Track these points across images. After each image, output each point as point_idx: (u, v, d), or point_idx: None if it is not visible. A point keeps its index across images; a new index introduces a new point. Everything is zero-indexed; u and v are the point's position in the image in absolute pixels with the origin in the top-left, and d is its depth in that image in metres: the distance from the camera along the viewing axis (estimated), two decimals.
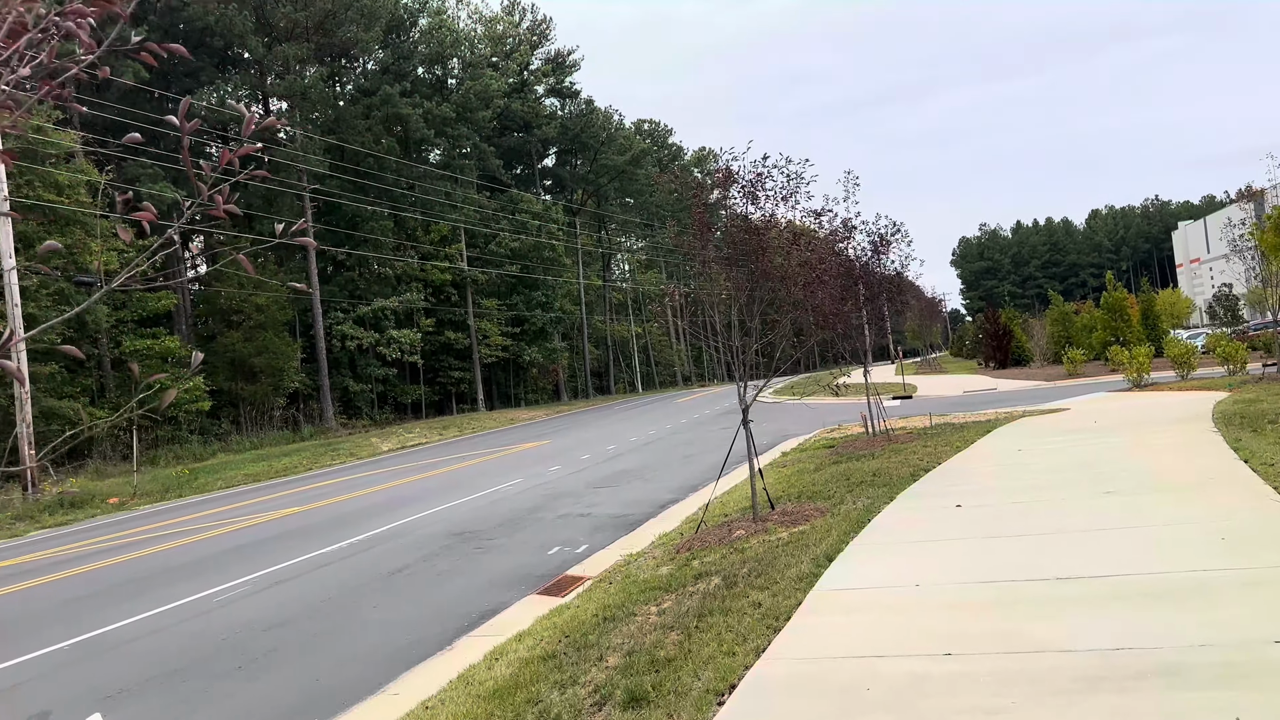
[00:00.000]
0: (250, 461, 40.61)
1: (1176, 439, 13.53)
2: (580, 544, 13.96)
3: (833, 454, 18.77)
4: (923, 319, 69.51)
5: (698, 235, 11.85)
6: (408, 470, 30.81)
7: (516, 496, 19.99)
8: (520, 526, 15.98)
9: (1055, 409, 23.87)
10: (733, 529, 11.30)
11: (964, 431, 18.66)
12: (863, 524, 9.67)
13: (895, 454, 16.26)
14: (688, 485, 19.15)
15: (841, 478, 14.14)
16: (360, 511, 20.47)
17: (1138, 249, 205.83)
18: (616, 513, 16.55)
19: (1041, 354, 51.47)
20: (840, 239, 19.31)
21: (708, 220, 11.96)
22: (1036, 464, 12.70)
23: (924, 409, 33.00)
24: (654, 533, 13.84)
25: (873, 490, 12.18)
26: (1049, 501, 9.65)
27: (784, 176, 11.81)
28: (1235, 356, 28.49)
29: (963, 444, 16.33)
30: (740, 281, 11.72)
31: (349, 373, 57.26)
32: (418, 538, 15.89)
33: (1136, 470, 10.96)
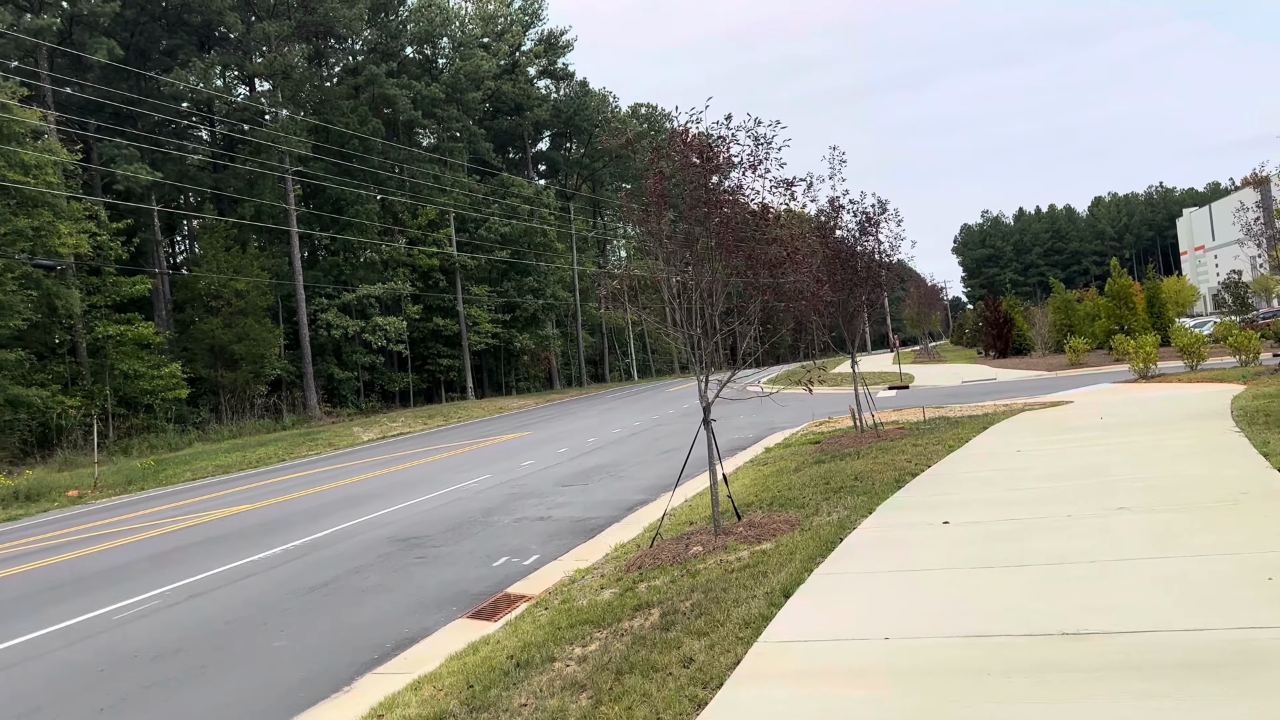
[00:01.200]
0: (225, 452, 39.26)
1: (1195, 440, 12.10)
2: (531, 554, 12.59)
3: (817, 451, 17.38)
4: (921, 306, 67.95)
5: (652, 207, 10.43)
6: (381, 463, 29.44)
7: (478, 495, 18.62)
8: (472, 531, 14.60)
9: (1057, 402, 22.45)
10: (691, 544, 9.91)
11: (959, 428, 17.25)
12: (833, 544, 8.27)
13: (883, 453, 14.85)
14: (661, 484, 17.74)
15: (821, 481, 12.74)
16: (312, 510, 19.10)
17: (1141, 236, 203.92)
18: (579, 516, 15.17)
19: (1043, 343, 50.01)
20: (826, 219, 17.90)
21: (664, 191, 10.54)
22: (1037, 468, 11.29)
23: (920, 400, 31.60)
24: (612, 541, 12.47)
25: (851, 499, 10.77)
26: (1051, 519, 8.23)
27: (751, 140, 10.38)
28: (1247, 347, 27.08)
29: (956, 442, 14.92)
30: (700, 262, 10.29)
31: (334, 360, 55.84)
32: (358, 544, 14.51)
33: (1153, 480, 9.53)
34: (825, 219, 17.88)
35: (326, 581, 12.01)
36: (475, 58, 62.90)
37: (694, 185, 10.01)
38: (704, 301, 10.26)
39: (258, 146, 52.73)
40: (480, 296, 64.08)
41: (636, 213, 10.61)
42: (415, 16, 62.91)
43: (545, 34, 75.59)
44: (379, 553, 13.59)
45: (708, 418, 10.33)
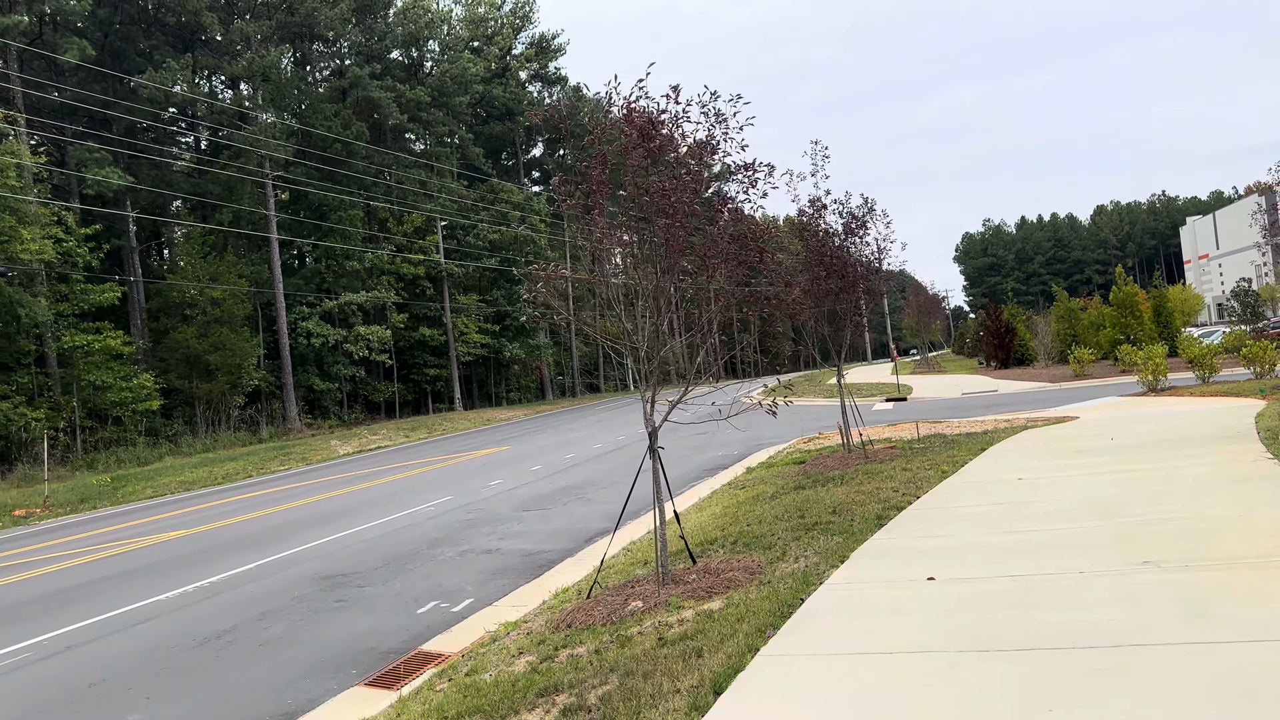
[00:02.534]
0: (194, 466, 37.70)
1: (1220, 469, 10.54)
2: (464, 597, 11.04)
3: (800, 473, 15.83)
4: (920, 315, 66.25)
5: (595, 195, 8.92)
6: (348, 480, 27.89)
7: (432, 520, 17.07)
8: (408, 567, 13.04)
9: (1062, 418, 20.89)
10: (631, 596, 8.35)
11: (954, 449, 15.69)
12: (792, 607, 6.71)
13: (869, 479, 13.29)
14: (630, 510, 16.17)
15: (795, 513, 11.18)
16: (252, 537, 17.55)
17: (1144, 245, 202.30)
18: (531, 549, 13.61)
19: (1046, 353, 48.40)
20: (808, 219, 16.38)
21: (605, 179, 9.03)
22: (1041, 503, 9.72)
23: (917, 414, 30.04)
24: (557, 583, 10.92)
25: (825, 540, 9.21)
26: (1060, 576, 6.67)
27: (704, 115, 8.85)
28: (1263, 358, 25.51)
29: (951, 467, 13.36)
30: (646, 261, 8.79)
31: (315, 370, 54.27)
32: (280, 581, 12.95)
33: (1178, 522, 7.97)
34: (807, 219, 16.37)
35: (224, 631, 10.45)
36: (462, 60, 61.48)
37: (636, 169, 8.50)
38: (651, 309, 8.73)
39: (237, 151, 51.28)
40: (468, 305, 62.54)
41: (570, 204, 9.09)
42: (402, 19, 61.52)
43: (537, 37, 74.21)
44: (297, 594, 12.03)
45: (654, 445, 8.77)
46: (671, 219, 8.39)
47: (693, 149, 8.92)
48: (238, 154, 51.35)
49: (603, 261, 9.05)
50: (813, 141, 16.32)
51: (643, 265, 8.64)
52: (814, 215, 16.31)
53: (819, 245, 16.26)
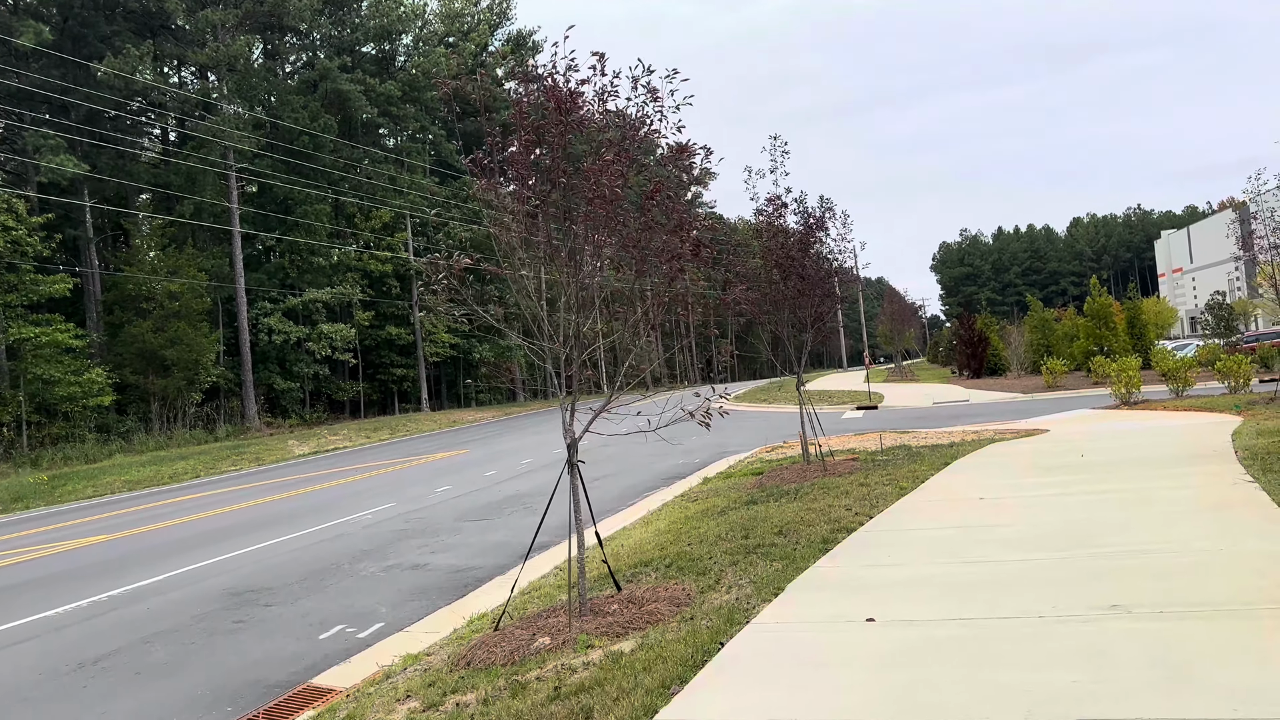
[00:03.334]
0: (142, 465, 36.40)
1: (1198, 492, 9.73)
2: (376, 620, 10.07)
3: (755, 485, 14.96)
4: (894, 322, 65.58)
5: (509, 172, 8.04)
6: (296, 483, 26.81)
7: (365, 530, 16.07)
8: (325, 583, 12.06)
9: (1032, 430, 20.14)
10: (542, 630, 7.43)
11: (917, 462, 14.85)
12: (709, 653, 5.81)
13: (824, 494, 12.43)
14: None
15: (740, 533, 10.28)
16: (174, 544, 16.49)
17: (1119, 258, 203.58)
18: (462, 564, 12.65)
19: (1019, 363, 47.86)
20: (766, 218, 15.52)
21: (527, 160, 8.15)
22: (1002, 528, 8.87)
23: (887, 423, 29.31)
24: (476, 608, 9.99)
25: (764, 565, 8.32)
26: (1017, 621, 5.81)
27: (635, 88, 7.96)
28: (1237, 372, 24.88)
29: (910, 483, 12.51)
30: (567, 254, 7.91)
31: (277, 368, 52.96)
32: (186, 596, 11.93)
33: (1152, 556, 7.13)
34: (765, 218, 15.51)
35: (104, 655, 9.42)
36: (434, 54, 60.36)
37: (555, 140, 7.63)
38: (575, 305, 7.84)
39: (200, 142, 49.96)
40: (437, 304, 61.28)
41: (485, 185, 8.18)
42: (374, 12, 60.35)
43: (514, 34, 73.07)
44: (198, 611, 11.02)
45: (573, 459, 7.86)
46: (594, 204, 7.50)
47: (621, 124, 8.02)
48: (200, 145, 50.04)
49: (518, 252, 8.12)
50: (771, 136, 15.49)
51: (563, 257, 7.72)
52: (773, 214, 15.46)
53: (777, 246, 15.41)
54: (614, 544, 12.00)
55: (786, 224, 15.65)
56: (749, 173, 15.71)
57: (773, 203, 15.11)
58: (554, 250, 7.69)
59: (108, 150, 48.15)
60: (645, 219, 7.88)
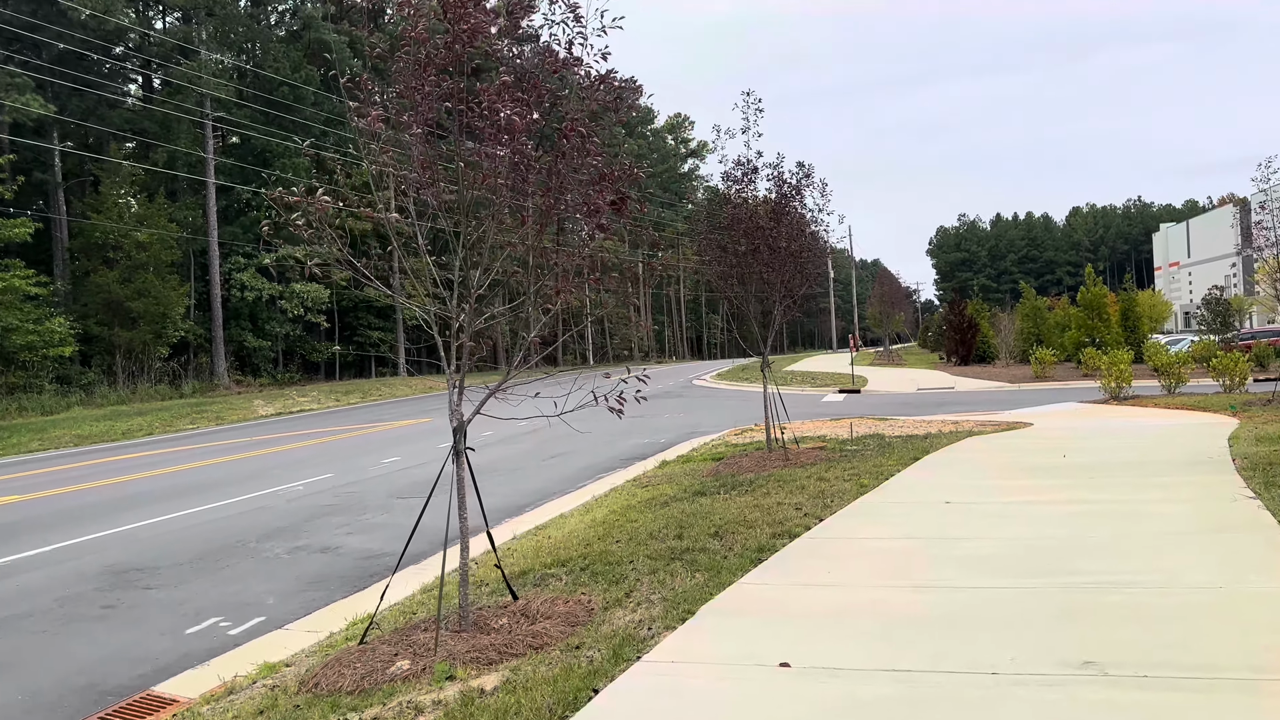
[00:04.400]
0: (98, 419, 35.13)
1: (1193, 507, 8.57)
2: (257, 613, 8.90)
3: (711, 473, 13.82)
4: (883, 305, 64.19)
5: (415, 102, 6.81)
6: (246, 445, 25.62)
7: (291, 504, 14.89)
8: (221, 564, 10.86)
9: (1014, 424, 19.02)
10: (406, 650, 6.24)
11: (886, 455, 13.69)
12: (579, 701, 4.63)
13: (779, 487, 11.26)
14: (514, 505, 14.12)
15: (674, 531, 9.11)
16: (81, 510, 15.30)
17: (1116, 249, 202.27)
18: (378, 549, 11.46)
19: (1008, 351, 46.73)
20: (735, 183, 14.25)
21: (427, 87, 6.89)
22: (966, 542, 7.70)
23: (867, 408, 28.21)
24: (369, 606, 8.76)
25: (685, 576, 7.15)
26: (965, 677, 4.62)
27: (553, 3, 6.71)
28: (1233, 370, 23.76)
29: (873, 479, 11.33)
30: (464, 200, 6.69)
31: (249, 325, 51.56)
32: (59, 574, 10.72)
33: (1141, 591, 5.95)
34: (735, 184, 14.24)
35: None
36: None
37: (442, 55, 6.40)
38: (467, 263, 6.62)
39: (176, 87, 48.25)
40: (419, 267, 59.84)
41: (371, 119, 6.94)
42: None
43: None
44: (67, 593, 9.82)
45: (460, 445, 6.65)
46: (488, 138, 6.25)
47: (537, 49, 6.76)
48: (177, 91, 48.33)
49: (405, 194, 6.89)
50: (744, 92, 14.16)
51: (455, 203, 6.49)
52: (743, 180, 14.18)
53: (746, 215, 14.15)
54: (543, 534, 10.84)
55: (758, 191, 14.42)
56: (717, 132, 14.45)
57: (741, 166, 13.83)
58: (436, 191, 6.42)
59: (82, 94, 46.43)
60: (558, 164, 6.62)
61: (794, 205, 14.40)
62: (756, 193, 14.39)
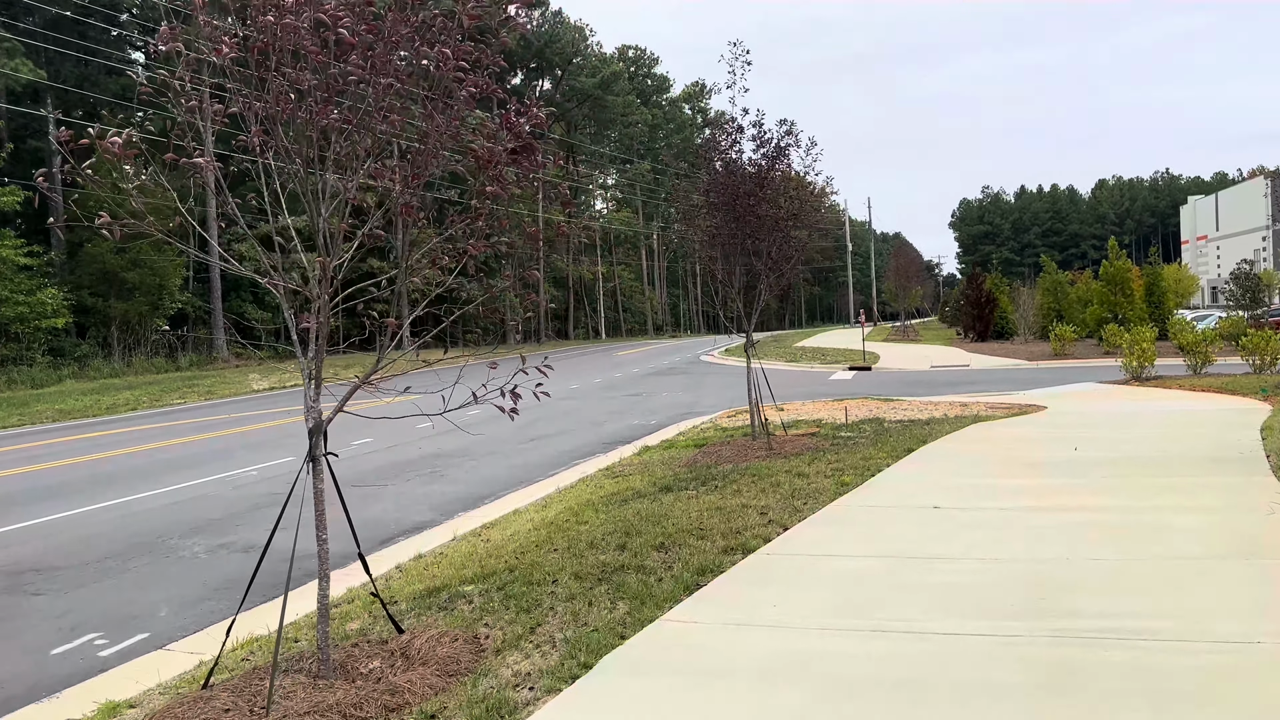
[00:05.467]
0: (88, 393, 34.34)
1: (1222, 520, 7.31)
2: (145, 627, 7.89)
3: (688, 463, 12.66)
4: (900, 278, 62.39)
5: None
6: (227, 422, 24.71)
7: (234, 491, 13.89)
8: (129, 564, 9.82)
9: (1025, 408, 17.72)
10: (240, 707, 5.10)
11: (880, 445, 12.44)
12: None
13: (751, 484, 10.07)
14: (476, 495, 13.04)
15: (619, 538, 7.96)
16: (17, 496, 14.31)
17: (1143, 223, 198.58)
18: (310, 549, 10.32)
19: (1027, 327, 45.16)
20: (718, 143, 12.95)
21: None
22: (946, 564, 6.48)
23: (876, 387, 26.94)
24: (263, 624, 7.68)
25: (604, 607, 6.00)
26: None
27: None
28: (1264, 349, 22.32)
29: (858, 475, 10.11)
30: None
31: (250, 297, 50.72)
32: None
33: (1158, 645, 4.72)
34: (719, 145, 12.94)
35: None
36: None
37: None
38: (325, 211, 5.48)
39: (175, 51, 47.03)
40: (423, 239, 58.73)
41: None
42: None
43: None
44: None
45: (316, 451, 5.51)
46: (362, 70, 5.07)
47: None
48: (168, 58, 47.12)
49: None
50: (730, 43, 12.82)
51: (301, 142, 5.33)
52: (728, 140, 12.88)
53: (732, 181, 12.86)
54: (483, 536, 9.72)
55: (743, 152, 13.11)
56: (700, 87, 13.13)
57: (720, 122, 12.53)
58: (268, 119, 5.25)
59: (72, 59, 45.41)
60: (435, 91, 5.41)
61: (779, 167, 13.11)
62: (743, 154, 13.10)
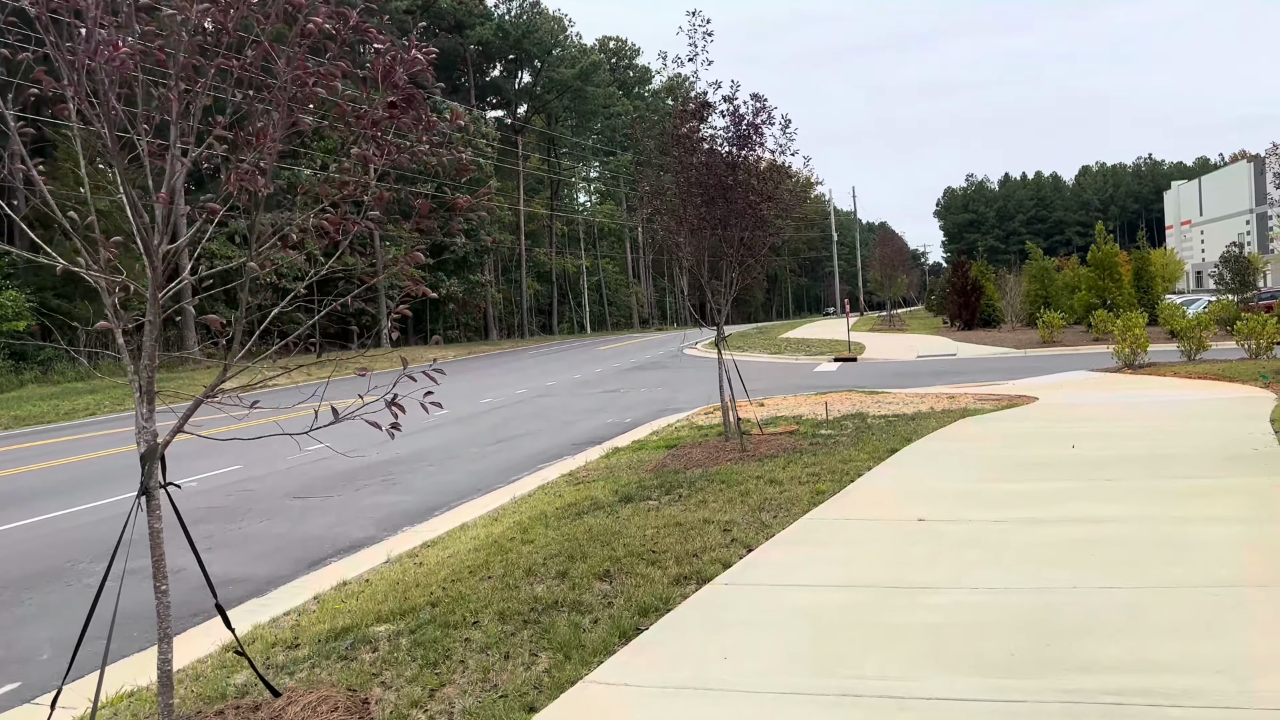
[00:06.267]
0: (46, 398, 33.26)
1: (1248, 533, 6.37)
2: (16, 675, 6.96)
3: (654, 468, 11.69)
4: (885, 267, 61.55)
5: None
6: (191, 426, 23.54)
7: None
8: (20, 596, 8.82)
9: (1016, 399, 16.81)
10: None
11: (859, 445, 11.48)
12: None
13: (720, 492, 9.11)
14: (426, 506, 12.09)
15: (559, 564, 6.98)
16: None
17: (1126, 209, 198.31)
18: (236, 572, 9.36)
19: (1014, 314, 44.35)
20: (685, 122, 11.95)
21: None
22: (928, 600, 5.49)
23: (859, 379, 26.06)
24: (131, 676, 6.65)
25: (520, 662, 5.02)
26: None
27: None
28: (1260, 334, 21.51)
29: (835, 480, 9.15)
30: None
31: (221, 296, 49.39)
32: None
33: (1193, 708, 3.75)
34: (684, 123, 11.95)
35: None
36: None
37: None
38: None
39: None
40: (401, 235, 57.54)
41: None
42: None
43: None
44: None
45: (150, 482, 4.51)
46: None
47: None
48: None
49: None
50: (689, 13, 11.80)
51: None
52: (694, 117, 11.88)
53: (700, 162, 11.87)
54: (419, 558, 8.72)
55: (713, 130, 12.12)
56: (663, 60, 12.13)
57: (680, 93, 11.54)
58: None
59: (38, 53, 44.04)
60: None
61: (751, 146, 12.13)
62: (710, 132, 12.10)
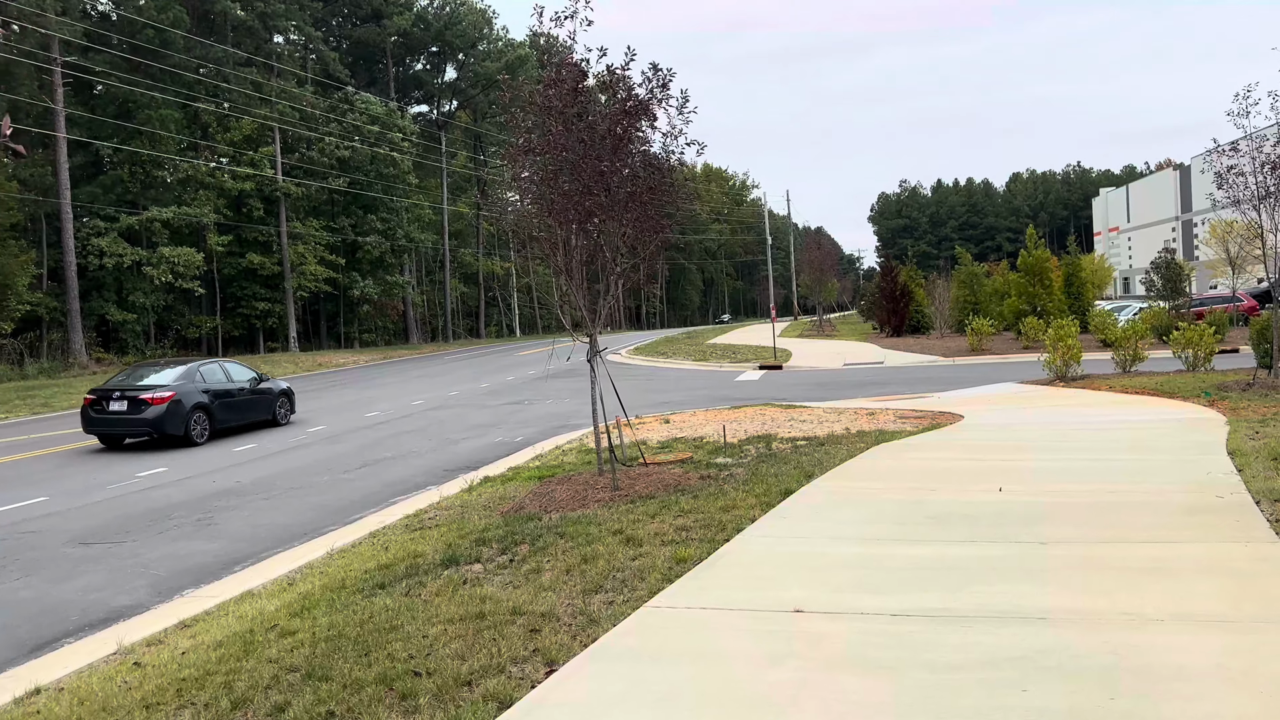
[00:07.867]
0: None
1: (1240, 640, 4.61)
2: None
3: (510, 509, 9.73)
4: (815, 271, 60.32)
5: None
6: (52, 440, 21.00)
7: None
8: None
9: (940, 416, 15.18)
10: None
11: (756, 481, 9.62)
12: None
13: (560, 557, 7.17)
14: (227, 558, 9.91)
15: (275, 700, 4.94)
16: None
17: (1056, 215, 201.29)
18: None
19: (943, 321, 43.25)
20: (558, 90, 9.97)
21: None
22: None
23: (781, 389, 24.36)
24: None
25: None
26: None
27: None
28: (1199, 344, 20.23)
29: (706, 541, 7.23)
30: None
31: (113, 297, 46.24)
32: None
33: None
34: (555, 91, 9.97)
35: None
36: None
37: None
38: None
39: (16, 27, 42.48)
40: (310, 232, 54.67)
41: None
42: None
43: None
44: None
45: None
46: None
47: None
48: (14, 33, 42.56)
49: None
50: None
51: None
52: (570, 84, 9.91)
53: (575, 139, 9.89)
54: (157, 652, 6.60)
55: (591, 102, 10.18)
56: (538, 16, 10.13)
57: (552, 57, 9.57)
58: None
59: None
60: None
61: (641, 126, 10.20)
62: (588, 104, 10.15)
